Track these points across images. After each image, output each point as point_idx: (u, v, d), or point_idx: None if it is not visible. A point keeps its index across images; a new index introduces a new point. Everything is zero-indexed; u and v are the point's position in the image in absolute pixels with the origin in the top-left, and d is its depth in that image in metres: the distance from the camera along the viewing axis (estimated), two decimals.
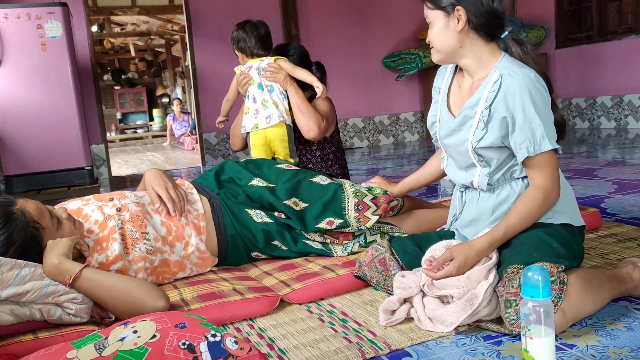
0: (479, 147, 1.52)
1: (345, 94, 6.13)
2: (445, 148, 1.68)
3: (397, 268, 1.62)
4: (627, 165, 3.56)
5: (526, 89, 1.43)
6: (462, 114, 1.56)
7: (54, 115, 4.40)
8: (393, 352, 1.31)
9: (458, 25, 1.49)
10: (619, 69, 5.76)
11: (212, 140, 5.82)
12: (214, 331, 1.13)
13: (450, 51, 1.54)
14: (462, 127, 1.56)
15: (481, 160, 1.54)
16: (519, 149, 1.46)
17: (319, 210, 1.93)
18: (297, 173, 2.05)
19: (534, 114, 1.43)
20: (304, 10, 5.97)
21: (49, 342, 1.37)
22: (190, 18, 5.64)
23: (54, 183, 4.46)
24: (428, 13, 1.55)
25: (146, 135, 12.62)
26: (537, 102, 1.44)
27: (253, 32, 2.47)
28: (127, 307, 1.47)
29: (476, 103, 1.52)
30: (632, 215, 2.33)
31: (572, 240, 1.49)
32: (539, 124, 1.43)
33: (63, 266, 1.46)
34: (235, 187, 2.03)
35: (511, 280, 1.33)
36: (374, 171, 4.37)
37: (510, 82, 1.45)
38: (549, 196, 1.46)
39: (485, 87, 1.51)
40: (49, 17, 4.32)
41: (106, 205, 1.76)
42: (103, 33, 11.92)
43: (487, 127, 1.50)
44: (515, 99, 1.44)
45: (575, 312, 1.32)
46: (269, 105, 2.47)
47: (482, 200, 1.60)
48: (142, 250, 1.71)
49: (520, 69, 1.47)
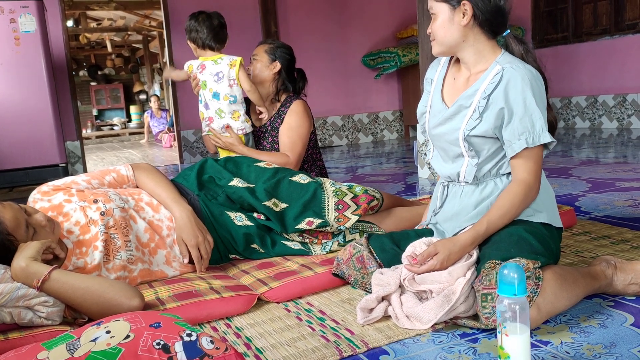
0: (470, 135, 1.54)
1: (325, 92, 6.13)
2: (433, 138, 1.68)
3: (375, 266, 1.62)
4: (601, 165, 3.63)
5: (528, 83, 1.47)
6: (457, 104, 1.57)
7: (28, 111, 4.31)
8: (370, 350, 1.31)
9: (463, 19, 1.51)
10: (594, 69, 5.85)
11: (190, 138, 5.77)
12: (189, 331, 1.12)
13: (452, 45, 1.55)
14: (455, 117, 1.58)
15: (470, 150, 1.56)
16: (517, 139, 1.48)
17: (299, 210, 1.92)
18: (277, 172, 2.03)
19: (534, 107, 1.46)
20: (283, 7, 5.95)
21: (20, 342, 1.34)
22: (168, 14, 5.58)
23: (28, 180, 4.37)
24: (433, 5, 1.54)
25: (123, 132, 12.46)
26: (537, 97, 1.47)
27: (205, 22, 2.41)
28: (101, 308, 1.44)
29: (473, 93, 1.54)
30: (606, 214, 2.36)
31: (550, 239, 1.51)
32: (539, 117, 1.46)
33: (31, 269, 1.41)
34: (215, 187, 2.00)
35: (488, 275, 1.34)
36: (353, 169, 4.38)
37: (513, 74, 1.48)
38: (529, 192, 1.49)
39: (484, 79, 1.53)
40: (22, 11, 4.23)
41: (89, 208, 1.70)
42: (79, 28, 11.72)
43: (482, 116, 1.53)
44: (517, 91, 1.47)
45: (550, 307, 1.34)
46: (224, 116, 2.41)
47: (465, 194, 1.62)
48: (123, 258, 1.67)
49: (523, 64, 1.51)
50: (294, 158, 2.42)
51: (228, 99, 2.40)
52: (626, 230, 2.08)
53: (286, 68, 2.55)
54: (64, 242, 1.65)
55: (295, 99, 2.53)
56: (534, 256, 1.38)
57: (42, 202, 1.73)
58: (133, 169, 1.91)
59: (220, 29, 2.45)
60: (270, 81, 2.54)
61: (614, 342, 1.26)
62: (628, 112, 5.59)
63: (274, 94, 2.56)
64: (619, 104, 5.66)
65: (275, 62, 2.52)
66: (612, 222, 2.22)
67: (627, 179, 3.07)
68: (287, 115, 2.48)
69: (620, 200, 2.58)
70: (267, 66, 2.51)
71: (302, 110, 2.50)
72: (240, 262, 1.97)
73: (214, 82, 2.39)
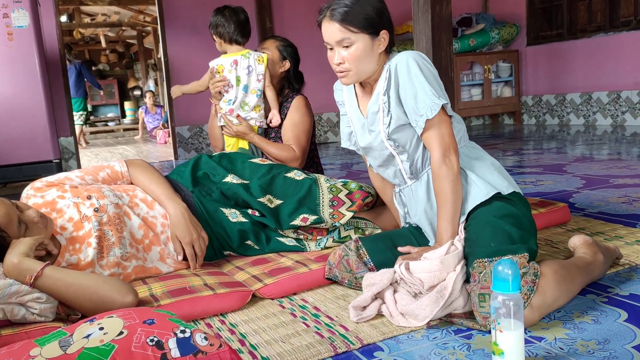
0: (390, 132, 1.59)
1: (319, 88, 6.11)
2: (366, 152, 1.74)
3: (364, 270, 1.62)
4: (595, 161, 3.64)
5: (410, 62, 1.52)
6: (369, 112, 1.64)
7: (21, 106, 4.28)
8: (365, 347, 1.31)
9: (380, 46, 1.57)
10: (588, 66, 5.87)
11: (184, 134, 5.74)
12: (183, 327, 1.11)
13: (370, 73, 1.59)
14: (373, 124, 1.64)
15: (397, 146, 1.61)
16: (419, 116, 1.52)
17: (294, 207, 1.92)
18: (272, 168, 2.02)
19: (421, 79, 1.50)
20: (278, 3, 5.93)
21: (13, 339, 1.33)
22: (163, 9, 5.55)
23: (21, 176, 4.34)
24: (349, 35, 1.53)
25: (117, 128, 12.41)
26: (423, 69, 1.52)
27: (232, 17, 2.43)
28: (95, 305, 1.43)
29: (377, 98, 1.61)
30: (600, 210, 2.37)
31: (521, 214, 1.51)
32: (426, 87, 1.50)
33: (23, 265, 1.40)
34: (209, 183, 1.99)
35: (484, 274, 1.34)
36: (348, 165, 4.37)
37: (395, 63, 1.55)
38: (448, 157, 1.51)
39: (380, 81, 1.60)
40: (15, 5, 4.20)
41: (83, 204, 1.69)
42: (73, 23, 11.65)
43: (390, 112, 1.58)
44: (402, 74, 1.54)
45: (546, 310, 1.35)
46: (247, 109, 2.43)
47: (415, 192, 1.67)
48: (117, 255, 1.67)
49: (403, 52, 1.57)
50: (300, 153, 2.43)
51: (256, 92, 2.43)
52: (620, 227, 2.08)
53: (293, 68, 2.57)
54: (57, 239, 1.65)
55: (297, 95, 2.55)
56: (513, 246, 1.39)
57: (35, 198, 1.72)
58: (127, 165, 1.90)
59: (246, 24, 2.47)
60: (278, 78, 2.55)
61: (608, 338, 1.26)
62: (622, 109, 5.61)
63: (279, 91, 2.58)
64: (613, 100, 5.68)
65: (286, 61, 2.54)
66: (606, 219, 2.23)
67: (621, 175, 3.08)
68: (290, 111, 2.49)
69: (614, 196, 2.59)
70: (276, 63, 2.52)
71: (304, 106, 2.52)
72: (234, 258, 1.96)
73: (245, 76, 2.41)
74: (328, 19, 1.53)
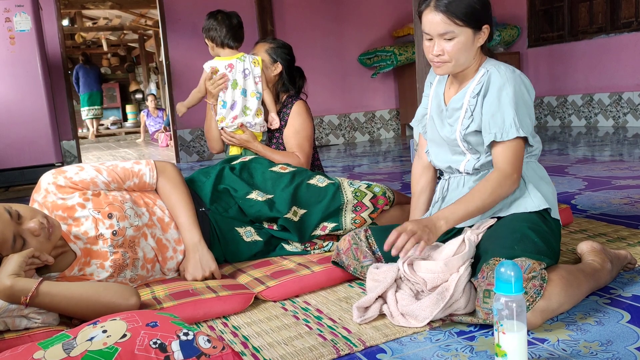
0: (467, 134, 1.59)
1: (321, 91, 6.12)
2: (434, 138, 1.72)
3: (371, 260, 1.63)
4: (597, 163, 3.63)
5: (508, 82, 1.53)
6: (450, 105, 1.64)
7: (23, 110, 4.30)
8: (368, 349, 1.31)
9: (480, 40, 1.55)
10: (590, 68, 5.87)
11: (186, 137, 5.75)
12: (186, 330, 1.11)
13: (467, 65, 1.58)
14: (451, 118, 1.63)
15: (470, 148, 1.62)
16: (487, 133, 1.54)
17: (318, 218, 1.91)
18: (294, 176, 1.99)
19: (508, 104, 1.51)
20: (280, 5, 5.94)
21: (16, 342, 1.33)
22: (164, 13, 5.57)
23: (23, 180, 4.35)
24: (453, 28, 1.49)
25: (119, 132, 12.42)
26: (517, 94, 1.52)
27: (225, 21, 2.41)
28: (99, 314, 1.35)
29: (464, 95, 1.60)
30: (602, 212, 2.37)
31: (552, 237, 1.51)
32: (510, 113, 1.51)
33: (16, 287, 1.32)
34: (228, 198, 1.94)
35: (493, 271, 1.34)
36: (350, 168, 4.38)
37: (495, 75, 1.54)
38: (505, 180, 1.51)
39: (473, 81, 1.59)
40: (17, 10, 4.21)
41: (102, 222, 1.60)
42: (74, 27, 11.67)
43: (473, 115, 1.58)
44: (494, 90, 1.53)
45: (551, 314, 1.35)
46: (249, 113, 2.41)
47: (463, 184, 1.67)
48: (127, 277, 1.66)
49: (505, 65, 1.57)
50: (304, 159, 2.42)
51: (255, 95, 2.41)
52: (622, 228, 2.08)
53: (287, 69, 2.53)
54: (69, 246, 1.59)
55: (296, 100, 2.51)
56: (538, 256, 1.38)
57: (55, 197, 1.61)
58: (157, 174, 1.79)
59: (239, 28, 2.46)
60: (272, 83, 2.51)
61: (611, 340, 1.26)
62: (624, 110, 5.61)
63: (275, 96, 2.55)
64: (614, 102, 5.67)
65: (277, 64, 2.48)
66: (608, 220, 2.22)
67: (623, 177, 3.07)
68: (291, 118, 2.46)
69: (617, 198, 2.59)
70: (268, 67, 2.48)
71: (304, 111, 2.49)
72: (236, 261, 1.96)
73: (242, 79, 2.40)
74: (432, 9, 1.49)
